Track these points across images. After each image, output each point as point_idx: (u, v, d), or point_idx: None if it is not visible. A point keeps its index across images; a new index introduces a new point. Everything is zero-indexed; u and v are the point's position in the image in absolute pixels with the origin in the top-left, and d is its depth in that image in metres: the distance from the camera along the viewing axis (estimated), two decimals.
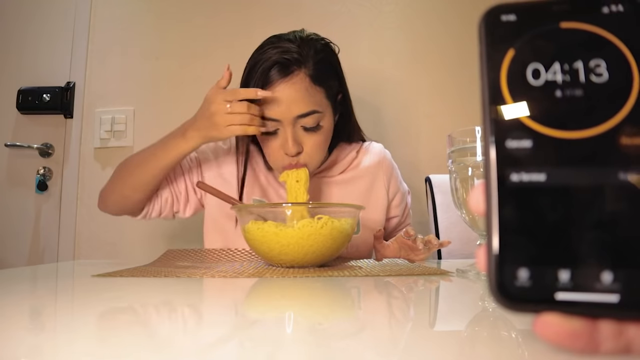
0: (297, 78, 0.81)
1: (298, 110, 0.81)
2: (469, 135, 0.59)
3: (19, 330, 0.33)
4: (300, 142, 0.84)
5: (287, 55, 0.81)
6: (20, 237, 1.51)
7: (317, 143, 0.85)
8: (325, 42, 0.88)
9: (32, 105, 1.51)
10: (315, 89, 0.83)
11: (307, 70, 0.82)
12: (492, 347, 0.29)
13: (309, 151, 0.85)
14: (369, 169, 0.98)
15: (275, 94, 0.80)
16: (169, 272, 0.64)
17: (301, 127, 0.83)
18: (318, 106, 0.83)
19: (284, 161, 0.85)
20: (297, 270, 0.66)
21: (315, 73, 0.83)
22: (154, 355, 0.26)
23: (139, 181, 0.89)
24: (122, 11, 1.59)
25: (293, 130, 0.83)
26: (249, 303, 0.47)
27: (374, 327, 0.35)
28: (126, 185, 0.91)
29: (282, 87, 0.81)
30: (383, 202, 0.98)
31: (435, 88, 1.53)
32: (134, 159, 0.92)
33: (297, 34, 0.86)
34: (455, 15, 1.56)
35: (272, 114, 0.82)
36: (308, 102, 0.82)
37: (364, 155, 0.99)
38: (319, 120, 0.84)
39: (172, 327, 0.35)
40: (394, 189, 1.01)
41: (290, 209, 0.70)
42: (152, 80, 1.55)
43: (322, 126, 0.85)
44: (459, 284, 0.55)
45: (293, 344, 0.30)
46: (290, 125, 0.82)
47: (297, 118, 0.82)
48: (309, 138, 0.84)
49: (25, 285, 0.60)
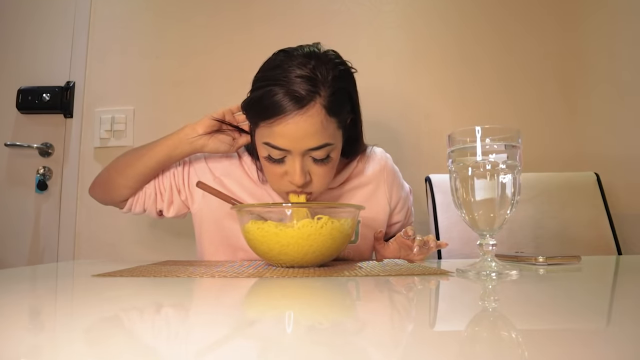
0: (312, 111, 0.74)
1: (311, 143, 0.76)
2: (469, 135, 0.59)
3: (19, 330, 0.33)
4: (308, 172, 0.80)
5: (303, 86, 0.74)
6: (20, 236, 1.51)
7: (325, 173, 0.81)
8: (343, 67, 0.81)
9: (32, 105, 1.51)
10: (329, 121, 0.76)
11: (322, 100, 0.75)
12: (492, 347, 0.29)
13: (316, 182, 0.82)
14: (370, 177, 0.96)
15: (289, 126, 0.74)
16: (169, 272, 0.64)
17: (310, 157, 0.79)
18: (331, 138, 0.78)
19: (288, 188, 0.82)
20: (297, 270, 0.66)
21: (331, 105, 0.76)
22: (154, 355, 0.26)
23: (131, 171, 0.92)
24: (121, 10, 1.59)
25: (302, 161, 0.78)
26: (248, 303, 0.47)
27: (374, 327, 0.35)
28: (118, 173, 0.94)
29: (296, 120, 0.74)
30: (384, 211, 0.97)
31: (435, 88, 1.53)
32: (132, 151, 0.96)
33: (313, 52, 0.79)
34: (456, 14, 1.56)
35: (283, 145, 0.76)
36: (321, 135, 0.76)
37: (366, 163, 0.97)
38: (330, 152, 0.80)
39: (172, 326, 0.35)
40: (396, 197, 0.99)
41: (290, 209, 0.70)
42: (152, 79, 1.55)
43: (331, 158, 0.81)
44: (459, 284, 0.55)
45: (293, 344, 0.30)
46: (299, 156, 0.77)
47: (308, 150, 0.77)
48: (317, 169, 0.80)
49: (25, 285, 0.60)
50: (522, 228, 1.23)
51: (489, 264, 0.59)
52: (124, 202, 0.96)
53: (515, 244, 1.20)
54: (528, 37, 1.54)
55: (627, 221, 1.36)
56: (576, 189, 1.29)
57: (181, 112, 1.54)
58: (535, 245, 1.21)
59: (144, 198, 0.95)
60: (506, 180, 0.58)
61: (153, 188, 0.95)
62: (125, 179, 0.93)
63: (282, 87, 0.74)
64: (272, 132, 0.76)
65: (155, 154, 0.91)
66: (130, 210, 0.97)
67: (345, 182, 0.94)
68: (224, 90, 1.54)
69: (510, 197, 0.58)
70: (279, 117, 0.74)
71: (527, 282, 0.56)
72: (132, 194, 0.95)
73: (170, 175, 0.95)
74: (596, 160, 1.45)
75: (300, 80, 0.74)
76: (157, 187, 0.95)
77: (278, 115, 0.74)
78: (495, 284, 0.53)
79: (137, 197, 0.95)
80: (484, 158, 0.58)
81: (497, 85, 1.53)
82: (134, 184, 0.93)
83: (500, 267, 0.58)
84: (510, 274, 0.57)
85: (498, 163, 0.58)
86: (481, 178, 0.58)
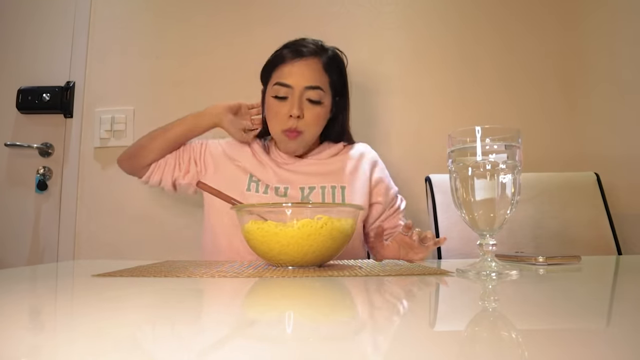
0: (311, 61, 1.02)
1: (308, 82, 1.00)
2: (469, 135, 0.59)
3: (19, 330, 0.33)
4: (304, 110, 1.01)
5: (306, 46, 1.03)
6: (20, 236, 1.51)
7: (316, 115, 1.02)
8: (340, 54, 1.09)
9: (32, 105, 1.51)
10: (323, 74, 1.03)
11: (320, 58, 1.03)
12: (492, 347, 0.29)
13: (308, 120, 1.02)
14: (354, 156, 1.11)
15: (294, 68, 1.01)
16: (169, 272, 0.64)
17: (307, 99, 1.01)
18: (324, 86, 1.02)
19: (286, 124, 1.01)
20: (297, 270, 0.66)
21: (326, 63, 1.04)
22: (154, 355, 0.26)
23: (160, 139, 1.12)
24: (121, 10, 1.59)
25: (300, 98, 1.01)
26: (249, 303, 0.47)
27: (374, 327, 0.35)
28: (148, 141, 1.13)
29: (299, 63, 1.02)
30: (365, 184, 1.07)
31: (435, 88, 1.53)
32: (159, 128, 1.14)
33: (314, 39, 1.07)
34: (456, 15, 1.56)
35: (287, 81, 1.01)
36: (317, 79, 1.01)
37: (350, 149, 1.13)
38: (322, 97, 1.02)
39: (172, 326, 0.35)
40: (377, 175, 1.10)
41: (290, 209, 0.70)
42: (152, 79, 1.55)
43: (322, 103, 1.02)
44: (459, 284, 0.55)
45: (293, 344, 0.30)
46: (298, 93, 1.00)
47: (306, 89, 1.00)
48: (311, 109, 1.01)
49: (25, 285, 0.60)
50: (522, 228, 1.23)
51: (489, 264, 0.59)
52: (146, 167, 1.13)
53: (515, 244, 1.20)
54: (528, 36, 1.54)
55: (627, 221, 1.36)
56: (576, 189, 1.29)
57: (181, 112, 1.53)
58: (535, 245, 1.21)
59: (164, 166, 1.12)
60: (506, 180, 0.58)
61: (174, 158, 1.13)
62: (154, 145, 1.11)
63: (291, 47, 1.04)
64: (281, 73, 1.02)
65: (181, 125, 1.12)
66: (149, 178, 1.13)
67: (332, 157, 1.10)
68: (224, 90, 1.54)
69: (510, 197, 0.58)
70: (287, 62, 1.02)
71: (527, 282, 0.56)
72: (156, 159, 1.12)
73: (189, 149, 1.14)
74: (596, 160, 1.45)
75: (304, 44, 1.04)
76: (177, 158, 1.13)
77: (286, 61, 1.02)
78: (495, 284, 0.53)
79: (158, 165, 1.12)
80: (484, 158, 0.58)
81: (497, 85, 1.53)
82: (160, 150, 1.12)
83: (500, 267, 0.58)
84: (510, 274, 0.57)
85: (498, 163, 0.58)
86: (481, 178, 0.58)
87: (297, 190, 1.03)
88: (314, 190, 1.03)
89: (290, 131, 1.01)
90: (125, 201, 1.51)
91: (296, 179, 1.05)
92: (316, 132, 1.05)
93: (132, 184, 1.52)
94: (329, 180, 1.05)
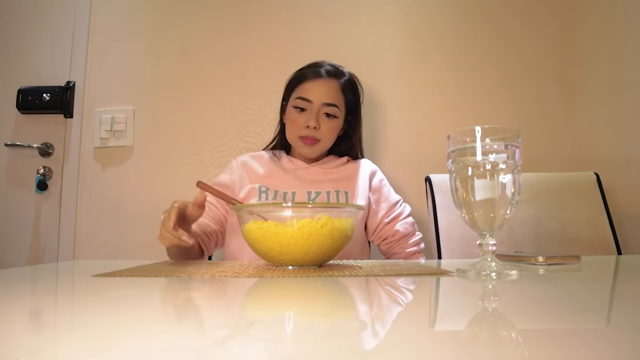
0: (331, 82, 1.14)
1: (326, 99, 1.12)
2: (468, 135, 0.59)
3: (19, 330, 0.33)
4: (320, 123, 1.11)
5: (326, 68, 1.15)
6: (20, 236, 1.51)
7: (331, 127, 1.13)
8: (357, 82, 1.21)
9: (32, 105, 1.51)
10: (340, 95, 1.15)
11: (338, 81, 1.15)
12: (492, 347, 0.29)
13: (324, 131, 1.12)
14: (355, 166, 1.19)
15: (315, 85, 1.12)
16: (169, 272, 0.64)
17: (323, 113, 1.12)
18: (339, 105, 1.14)
19: (302, 132, 1.11)
20: (297, 270, 0.66)
21: (343, 87, 1.16)
22: (154, 355, 0.26)
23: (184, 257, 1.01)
24: (122, 10, 1.59)
25: (317, 112, 1.11)
26: (249, 303, 0.47)
27: (374, 327, 0.35)
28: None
29: (320, 82, 1.13)
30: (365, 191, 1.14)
31: (435, 87, 1.53)
32: None
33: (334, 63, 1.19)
34: (456, 15, 1.56)
35: (308, 96, 1.12)
36: (334, 98, 1.13)
37: (353, 161, 1.21)
38: (336, 114, 1.13)
39: (172, 326, 0.35)
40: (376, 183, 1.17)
41: (291, 209, 0.70)
42: (152, 79, 1.55)
43: (337, 119, 1.14)
44: (459, 284, 0.55)
45: (293, 344, 0.30)
46: (317, 108, 1.11)
47: (323, 105, 1.11)
48: (327, 122, 1.12)
49: (25, 285, 0.60)
50: (522, 228, 1.23)
51: (489, 264, 0.59)
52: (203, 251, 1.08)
53: (515, 244, 1.20)
54: (528, 37, 1.54)
55: (627, 221, 1.36)
56: (576, 189, 1.29)
57: (181, 112, 1.54)
58: (535, 245, 1.21)
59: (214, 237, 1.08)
60: (506, 180, 0.58)
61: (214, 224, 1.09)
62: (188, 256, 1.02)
63: (312, 68, 1.16)
64: (303, 88, 1.13)
65: None
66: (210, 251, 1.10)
67: (336, 167, 1.18)
68: (224, 90, 1.54)
69: (510, 197, 0.58)
70: (309, 80, 1.14)
71: (527, 282, 0.56)
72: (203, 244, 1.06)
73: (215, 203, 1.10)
74: (596, 160, 1.45)
75: (325, 66, 1.16)
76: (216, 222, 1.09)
77: (308, 79, 1.14)
78: (495, 284, 0.53)
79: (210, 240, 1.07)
80: (484, 158, 0.58)
81: (497, 85, 1.53)
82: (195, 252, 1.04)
83: (500, 267, 0.58)
84: (510, 274, 0.57)
85: (498, 163, 0.58)
86: (481, 178, 0.58)
87: (304, 194, 1.09)
88: (320, 194, 1.10)
89: (307, 138, 1.11)
90: (125, 201, 1.51)
91: (303, 185, 1.11)
92: (331, 141, 1.16)
93: (132, 184, 1.52)
94: (334, 186, 1.12)
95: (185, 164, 1.52)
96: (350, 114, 1.19)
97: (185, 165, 1.52)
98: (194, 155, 1.52)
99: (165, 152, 1.53)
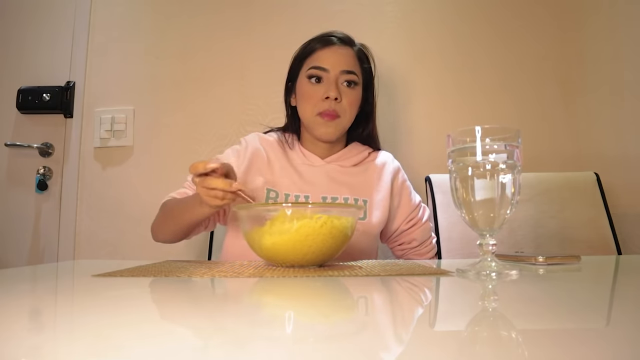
0: (346, 48, 1.03)
1: (345, 66, 1.00)
2: (468, 135, 0.59)
3: (19, 330, 0.33)
4: (341, 93, 0.99)
5: (337, 36, 1.04)
6: (20, 236, 1.51)
7: (353, 99, 1.01)
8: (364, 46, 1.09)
9: (32, 105, 1.51)
10: (357, 63, 1.03)
11: (353, 49, 1.04)
12: (492, 347, 0.29)
13: (345, 104, 1.00)
14: (376, 166, 1.08)
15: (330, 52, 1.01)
16: (170, 272, 0.64)
17: (343, 82, 1.00)
18: (358, 72, 1.02)
19: (322, 107, 0.98)
20: (297, 270, 0.66)
21: (359, 55, 1.05)
22: (154, 355, 0.26)
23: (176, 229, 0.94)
24: (121, 10, 1.59)
25: (336, 82, 0.99)
26: (249, 303, 0.47)
27: (374, 327, 0.35)
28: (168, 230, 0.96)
29: (335, 48, 1.02)
30: (386, 196, 1.05)
31: (435, 87, 1.53)
32: (169, 210, 0.96)
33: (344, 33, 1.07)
34: (456, 15, 1.56)
35: (323, 64, 1.00)
36: (352, 64, 1.01)
37: (375, 156, 1.10)
38: (356, 81, 1.02)
39: (172, 326, 0.35)
40: (399, 184, 1.09)
41: (290, 209, 0.70)
42: (152, 79, 1.55)
43: (357, 88, 1.02)
44: (459, 284, 0.55)
45: (293, 344, 0.30)
46: (334, 77, 0.99)
47: (342, 73, 0.99)
48: (348, 93, 1.00)
49: (25, 285, 0.60)
50: (522, 228, 1.23)
51: (489, 264, 0.59)
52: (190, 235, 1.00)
53: (515, 244, 1.20)
54: (528, 37, 1.54)
55: (627, 221, 1.36)
56: (576, 189, 1.29)
57: (181, 112, 1.54)
58: (535, 245, 1.21)
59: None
60: (506, 180, 0.58)
61: None
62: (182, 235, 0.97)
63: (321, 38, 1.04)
64: (317, 57, 1.01)
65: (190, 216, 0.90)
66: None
67: (356, 165, 1.08)
68: (224, 90, 1.54)
69: (510, 196, 0.58)
70: (320, 49, 1.01)
71: (527, 282, 0.56)
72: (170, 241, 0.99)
73: None
74: (596, 160, 1.45)
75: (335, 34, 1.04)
76: None
77: (319, 48, 1.02)
78: (495, 284, 0.53)
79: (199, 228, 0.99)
80: (484, 158, 0.58)
81: (497, 85, 1.53)
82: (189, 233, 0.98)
83: (500, 267, 0.58)
84: (510, 274, 0.57)
85: (498, 163, 0.58)
86: (481, 178, 0.58)
87: (318, 199, 0.99)
88: (336, 201, 1.00)
89: (327, 114, 0.97)
90: (125, 201, 1.51)
91: (317, 188, 1.00)
92: (351, 118, 1.03)
93: (132, 184, 1.52)
94: (352, 192, 1.01)
95: (185, 164, 1.51)
96: (365, 88, 1.06)
97: (186, 165, 1.50)
98: (194, 155, 1.52)
99: (166, 152, 1.53)
